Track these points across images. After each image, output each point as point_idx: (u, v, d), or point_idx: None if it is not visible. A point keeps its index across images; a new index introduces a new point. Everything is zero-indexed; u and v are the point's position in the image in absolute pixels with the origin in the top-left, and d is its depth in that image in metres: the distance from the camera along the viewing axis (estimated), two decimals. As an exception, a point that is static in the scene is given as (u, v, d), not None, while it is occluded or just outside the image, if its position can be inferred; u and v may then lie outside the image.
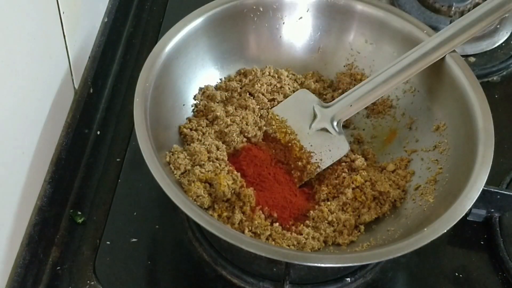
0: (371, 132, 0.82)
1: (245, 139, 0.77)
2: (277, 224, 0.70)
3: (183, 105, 0.78)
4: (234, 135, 0.76)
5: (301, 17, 0.83)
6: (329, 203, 0.73)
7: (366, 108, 0.81)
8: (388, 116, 0.81)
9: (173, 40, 0.75)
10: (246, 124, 0.78)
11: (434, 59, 0.75)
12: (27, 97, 0.68)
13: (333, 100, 0.80)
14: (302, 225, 0.71)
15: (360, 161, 0.76)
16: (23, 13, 0.65)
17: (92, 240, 0.74)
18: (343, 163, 0.77)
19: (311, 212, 0.72)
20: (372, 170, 0.77)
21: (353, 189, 0.74)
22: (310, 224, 0.71)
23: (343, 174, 0.76)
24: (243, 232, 0.68)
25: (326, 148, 0.77)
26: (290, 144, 0.77)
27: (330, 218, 0.71)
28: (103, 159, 0.82)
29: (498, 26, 0.99)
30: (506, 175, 0.81)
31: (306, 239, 0.69)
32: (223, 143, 0.75)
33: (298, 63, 0.85)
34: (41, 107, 0.72)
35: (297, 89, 0.83)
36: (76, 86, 0.82)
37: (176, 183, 0.67)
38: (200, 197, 0.68)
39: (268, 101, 0.81)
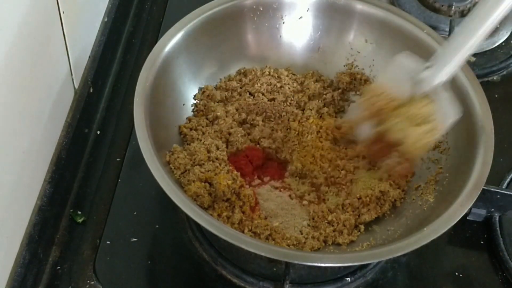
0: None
1: (249, 140, 0.77)
2: (277, 223, 0.70)
3: (183, 104, 0.78)
4: (239, 135, 0.76)
5: (301, 17, 0.83)
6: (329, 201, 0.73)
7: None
8: (388, 115, 0.81)
9: (173, 40, 0.75)
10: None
11: None
12: (27, 97, 0.68)
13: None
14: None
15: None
16: (23, 13, 0.65)
17: (92, 240, 0.74)
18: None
19: (311, 211, 0.72)
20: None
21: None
22: (310, 224, 0.71)
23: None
24: (243, 231, 0.68)
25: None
26: None
27: (329, 218, 0.71)
28: (103, 159, 0.82)
29: (498, 26, 0.98)
30: (506, 174, 0.81)
31: (306, 238, 0.69)
32: (227, 142, 0.76)
33: (298, 62, 0.85)
34: (41, 107, 0.72)
35: (297, 89, 0.83)
36: (76, 86, 0.82)
37: (176, 182, 0.67)
38: (200, 196, 0.68)
39: (268, 100, 0.81)
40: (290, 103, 0.81)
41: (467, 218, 0.77)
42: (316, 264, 0.61)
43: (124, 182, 0.79)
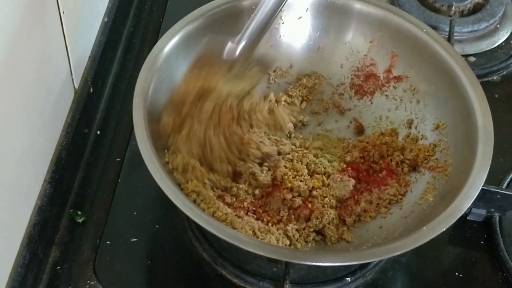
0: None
1: None
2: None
3: (183, 104, 0.78)
4: None
5: (300, 17, 0.83)
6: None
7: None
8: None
9: (172, 40, 0.75)
10: None
11: None
12: (27, 97, 0.68)
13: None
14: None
15: None
16: (23, 13, 0.65)
17: (92, 240, 0.74)
18: None
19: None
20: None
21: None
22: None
23: None
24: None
25: None
26: None
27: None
28: (103, 159, 0.82)
29: (498, 26, 0.99)
30: (506, 174, 0.81)
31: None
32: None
33: (297, 62, 0.84)
34: (41, 107, 0.72)
35: (297, 89, 0.83)
36: (76, 86, 0.82)
37: (175, 183, 0.67)
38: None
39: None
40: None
41: (467, 218, 0.77)
42: (316, 264, 0.61)
43: (124, 182, 0.79)
